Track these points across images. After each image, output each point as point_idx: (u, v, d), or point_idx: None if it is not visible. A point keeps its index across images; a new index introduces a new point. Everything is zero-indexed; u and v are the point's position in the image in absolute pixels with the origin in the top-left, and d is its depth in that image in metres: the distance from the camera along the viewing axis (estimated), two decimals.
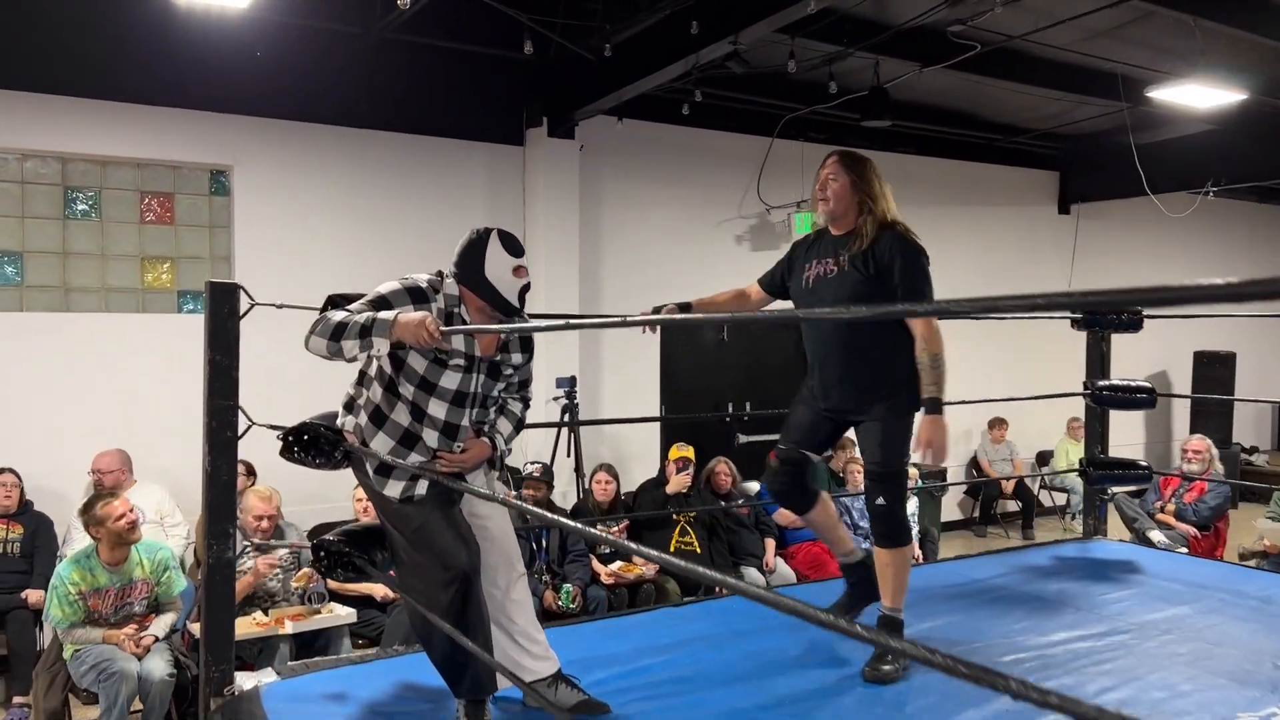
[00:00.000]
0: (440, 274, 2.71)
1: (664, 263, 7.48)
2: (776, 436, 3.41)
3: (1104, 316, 4.76)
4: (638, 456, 7.30)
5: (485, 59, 6.62)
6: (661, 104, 7.01)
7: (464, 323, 2.64)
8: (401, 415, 2.64)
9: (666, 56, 5.63)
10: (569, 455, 6.51)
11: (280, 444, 2.94)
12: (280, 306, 3.17)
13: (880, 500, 3.13)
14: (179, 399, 5.48)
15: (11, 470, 5.22)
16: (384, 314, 2.49)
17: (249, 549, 4.65)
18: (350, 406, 2.77)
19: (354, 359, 2.59)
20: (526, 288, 2.66)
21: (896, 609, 3.18)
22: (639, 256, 7.47)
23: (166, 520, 5.45)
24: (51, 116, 5.53)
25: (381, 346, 2.46)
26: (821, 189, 3.14)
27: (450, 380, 2.61)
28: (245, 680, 3.10)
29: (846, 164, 3.13)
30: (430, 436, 2.65)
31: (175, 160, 5.93)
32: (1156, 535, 6.37)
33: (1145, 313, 4.70)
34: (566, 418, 6.44)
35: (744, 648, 3.42)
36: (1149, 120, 7.92)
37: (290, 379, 4.70)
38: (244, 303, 3.17)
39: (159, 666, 4.08)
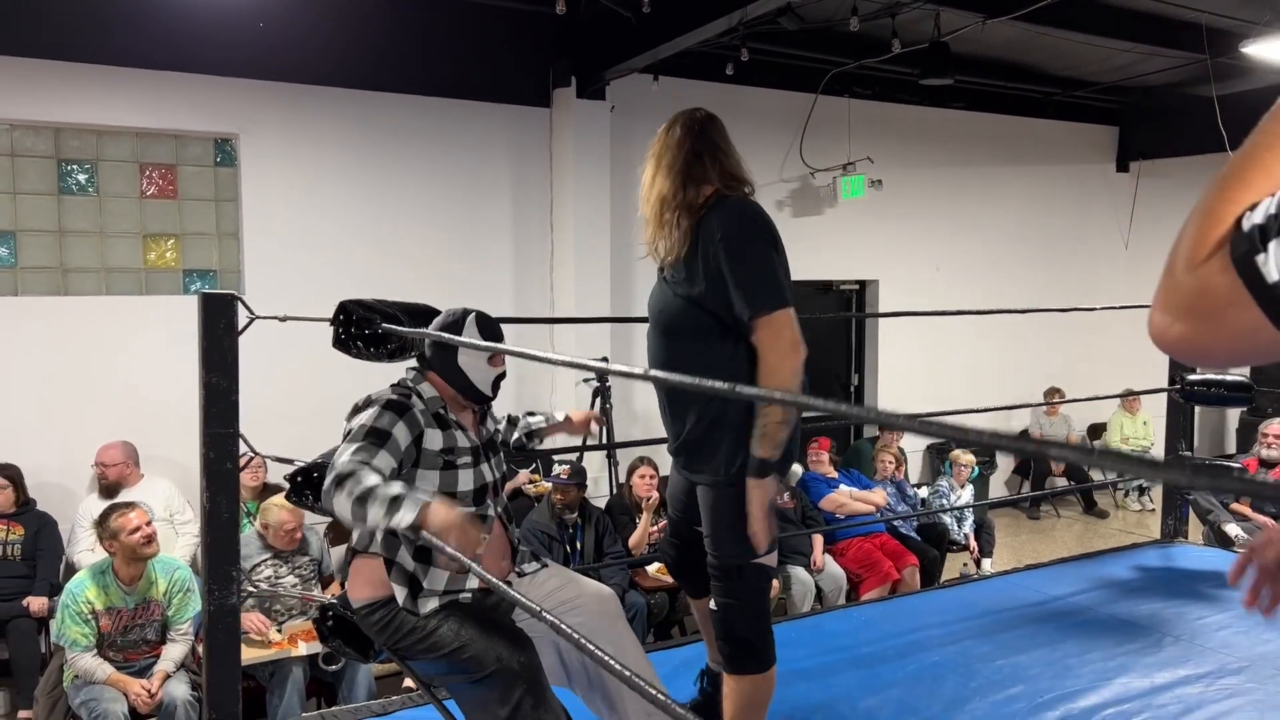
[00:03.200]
0: (413, 371, 2.44)
1: None
2: (823, 414, 2.79)
3: None
4: None
5: (507, 14, 6.14)
6: (700, 60, 6.50)
7: (452, 421, 2.38)
8: (408, 549, 2.28)
9: (710, 11, 5.12)
10: (600, 439, 6.12)
11: (288, 485, 2.62)
12: (284, 319, 2.77)
13: (713, 604, 2.32)
14: (187, 386, 5.07)
15: (9, 466, 4.89)
16: (416, 495, 2.05)
17: (269, 560, 4.32)
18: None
19: (374, 528, 2.15)
20: (501, 376, 2.44)
21: None
22: None
23: (176, 518, 5.12)
24: (42, 83, 5.12)
25: (407, 519, 2.00)
26: None
27: (466, 480, 2.34)
28: None
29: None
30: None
31: (177, 129, 5.52)
32: (1233, 529, 5.92)
33: None
34: (598, 402, 6.06)
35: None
36: (1223, 71, 7.29)
37: (296, 391, 4.27)
38: (243, 316, 2.79)
39: (180, 690, 3.94)
